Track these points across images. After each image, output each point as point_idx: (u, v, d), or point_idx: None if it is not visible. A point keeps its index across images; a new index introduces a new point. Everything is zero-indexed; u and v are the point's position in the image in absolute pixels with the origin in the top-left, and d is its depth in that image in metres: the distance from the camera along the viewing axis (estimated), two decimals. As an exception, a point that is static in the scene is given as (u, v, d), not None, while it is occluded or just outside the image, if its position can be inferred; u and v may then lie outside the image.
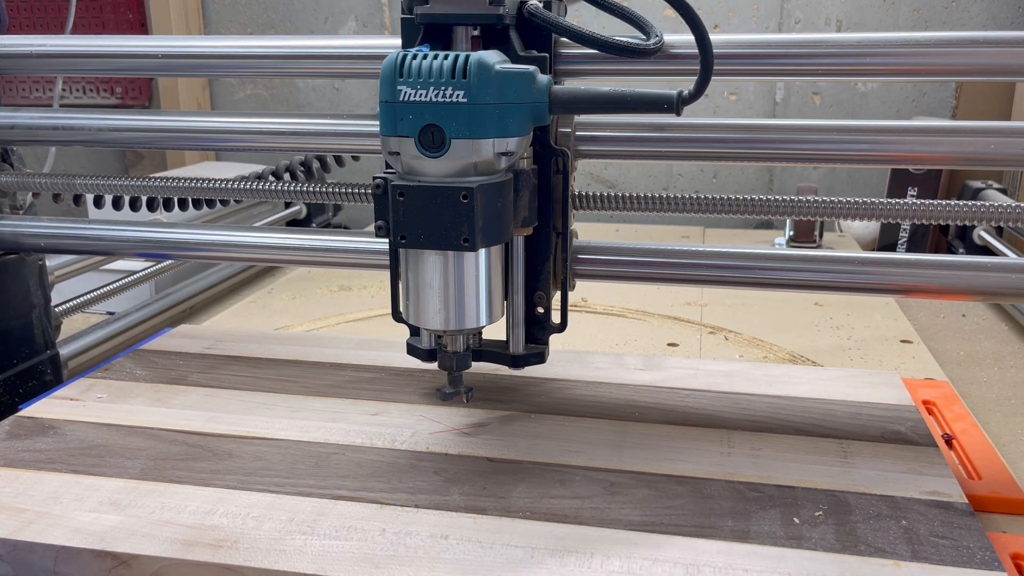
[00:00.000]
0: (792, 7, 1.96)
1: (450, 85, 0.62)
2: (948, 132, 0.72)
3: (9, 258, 0.97)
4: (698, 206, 0.76)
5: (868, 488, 0.68)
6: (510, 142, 0.64)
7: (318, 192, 0.84)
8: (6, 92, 2.34)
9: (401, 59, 0.63)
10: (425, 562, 0.58)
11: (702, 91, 0.64)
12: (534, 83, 0.65)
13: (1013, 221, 0.72)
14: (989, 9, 1.89)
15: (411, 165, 0.65)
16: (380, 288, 1.45)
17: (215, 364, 0.93)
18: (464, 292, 0.68)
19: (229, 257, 0.94)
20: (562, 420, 0.80)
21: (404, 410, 0.82)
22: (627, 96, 0.65)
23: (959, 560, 0.58)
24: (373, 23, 2.16)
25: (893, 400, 0.84)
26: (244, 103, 2.29)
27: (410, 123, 0.63)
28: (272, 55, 0.83)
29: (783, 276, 0.76)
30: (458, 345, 0.72)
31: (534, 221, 0.73)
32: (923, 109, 1.97)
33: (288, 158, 1.22)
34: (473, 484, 0.68)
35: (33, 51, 0.88)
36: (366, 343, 1.00)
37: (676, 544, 0.60)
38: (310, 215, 1.84)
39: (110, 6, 2.23)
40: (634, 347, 1.18)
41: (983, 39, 0.68)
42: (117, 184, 0.91)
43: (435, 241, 0.65)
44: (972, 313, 1.38)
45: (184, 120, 0.86)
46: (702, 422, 0.79)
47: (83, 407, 0.83)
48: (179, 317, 1.39)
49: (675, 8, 0.65)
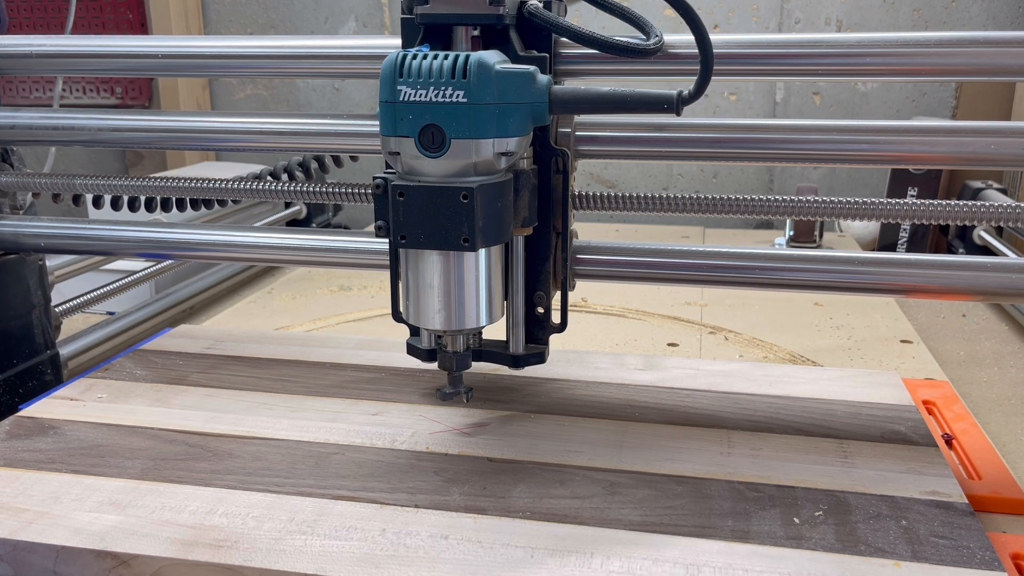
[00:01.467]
0: (792, 7, 1.96)
1: (450, 85, 0.62)
2: (948, 132, 0.72)
3: (9, 258, 0.97)
4: (698, 206, 0.76)
5: (868, 488, 0.68)
6: (510, 142, 0.64)
7: (318, 192, 0.84)
8: (6, 92, 2.34)
9: (401, 59, 0.63)
10: (425, 562, 0.58)
11: (702, 91, 0.64)
12: (534, 83, 0.65)
13: (1013, 221, 0.72)
14: (989, 9, 1.89)
15: (411, 165, 0.65)
16: (380, 288, 1.45)
17: (215, 364, 0.94)
18: (464, 292, 0.68)
19: (229, 257, 0.94)
20: (562, 420, 0.80)
21: (404, 410, 0.82)
22: (627, 96, 0.65)
23: (959, 560, 0.58)
24: (373, 23, 2.16)
25: (893, 400, 0.84)
26: (244, 103, 2.29)
27: (410, 123, 0.63)
28: (272, 55, 0.83)
29: (783, 276, 0.76)
30: (458, 345, 0.72)
31: (534, 221, 0.73)
32: (923, 109, 1.97)
33: (287, 158, 1.22)
34: (473, 484, 0.68)
35: (33, 51, 0.88)
36: (366, 343, 1.00)
37: (676, 544, 0.60)
38: (310, 215, 1.84)
39: (110, 6, 2.23)
40: (634, 347, 1.18)
41: (983, 39, 0.68)
42: (117, 184, 0.91)
43: (435, 241, 0.65)
44: (972, 313, 1.38)
45: (184, 120, 0.87)
46: (702, 422, 0.79)
47: (83, 407, 0.83)
48: (179, 317, 1.39)
49: (675, 8, 0.65)
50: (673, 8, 0.65)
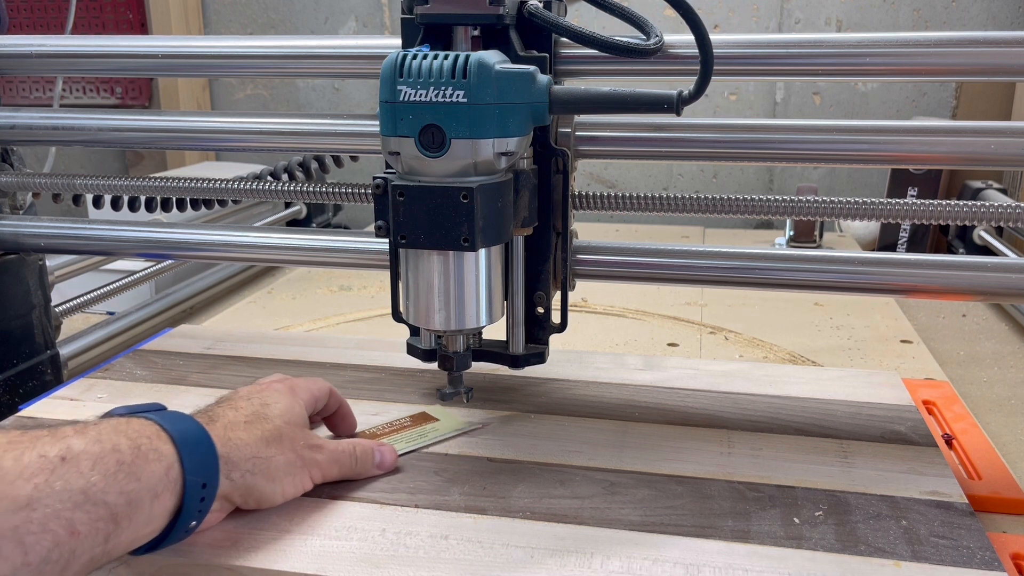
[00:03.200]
0: (792, 7, 1.96)
1: (450, 85, 0.62)
2: (948, 132, 0.72)
3: (9, 258, 0.97)
4: (698, 206, 0.76)
5: (868, 488, 0.68)
6: (510, 142, 0.64)
7: (318, 192, 0.84)
8: (6, 92, 2.34)
9: (401, 59, 0.63)
10: (425, 562, 0.58)
11: (702, 91, 0.64)
12: (534, 83, 0.65)
13: (1013, 221, 0.72)
14: (989, 9, 1.89)
15: (411, 165, 0.65)
16: (380, 288, 1.45)
17: (215, 364, 0.94)
18: (464, 292, 0.68)
19: (229, 257, 0.94)
20: (562, 420, 0.80)
21: (404, 410, 0.82)
22: (627, 96, 0.65)
23: (959, 560, 0.58)
24: (373, 23, 2.16)
25: (893, 400, 0.84)
26: (244, 103, 2.29)
27: (410, 123, 0.63)
28: (272, 55, 0.83)
29: (783, 276, 0.76)
30: (458, 345, 0.72)
31: (534, 221, 0.73)
32: (923, 109, 1.97)
33: (287, 158, 1.22)
34: (473, 484, 0.69)
35: (33, 51, 0.88)
36: (366, 343, 1.00)
37: (676, 544, 0.60)
38: (310, 215, 1.84)
39: (110, 6, 2.23)
40: (634, 347, 1.18)
41: (983, 39, 0.68)
42: (117, 184, 0.91)
43: (435, 241, 0.65)
44: (972, 313, 1.38)
45: (184, 120, 0.86)
46: (702, 422, 0.79)
47: (83, 407, 0.83)
48: (179, 317, 1.39)
49: (675, 8, 0.65)
50: (673, 8, 0.65)
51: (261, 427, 0.61)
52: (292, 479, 0.63)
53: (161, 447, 0.54)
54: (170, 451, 0.54)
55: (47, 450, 0.49)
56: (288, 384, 0.69)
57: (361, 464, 0.68)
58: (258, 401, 0.64)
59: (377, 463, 0.69)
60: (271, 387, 0.68)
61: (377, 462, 0.69)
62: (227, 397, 0.66)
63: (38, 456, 0.48)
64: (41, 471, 0.47)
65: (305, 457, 0.64)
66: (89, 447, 0.50)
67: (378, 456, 0.69)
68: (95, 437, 0.51)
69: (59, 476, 0.48)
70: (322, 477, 0.66)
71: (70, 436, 0.50)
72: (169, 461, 0.53)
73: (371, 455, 0.69)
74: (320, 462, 0.65)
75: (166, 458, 0.53)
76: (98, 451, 0.50)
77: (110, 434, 0.52)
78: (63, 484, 0.48)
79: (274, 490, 0.62)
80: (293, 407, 0.65)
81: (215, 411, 0.62)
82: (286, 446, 0.62)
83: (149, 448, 0.53)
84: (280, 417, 0.63)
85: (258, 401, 0.64)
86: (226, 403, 0.64)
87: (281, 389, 0.67)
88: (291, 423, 0.64)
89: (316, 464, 0.64)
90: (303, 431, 0.65)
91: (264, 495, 0.61)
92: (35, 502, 0.46)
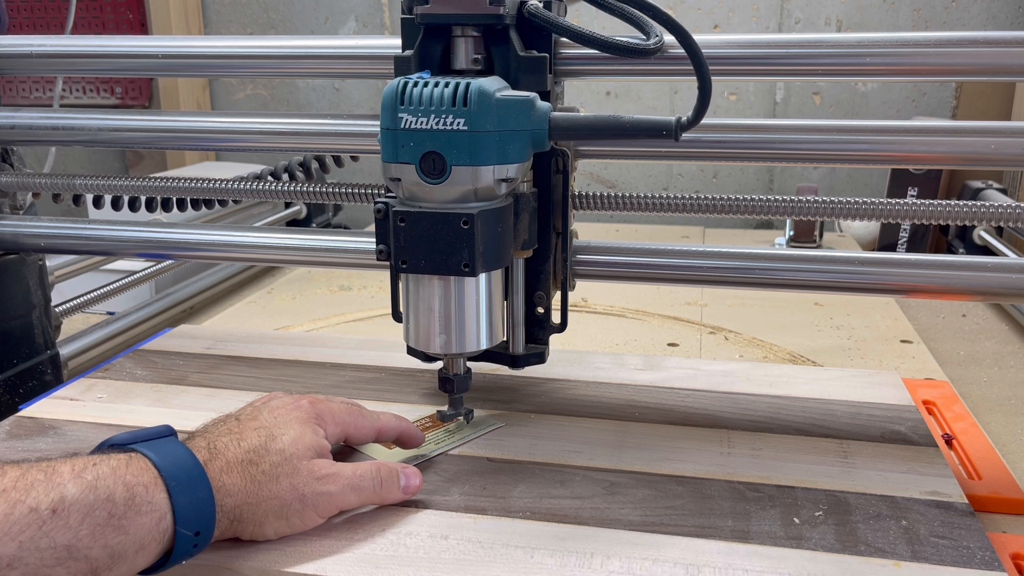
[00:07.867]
0: (792, 7, 1.96)
1: (451, 113, 0.62)
2: (948, 132, 0.72)
3: (9, 258, 0.97)
4: (698, 206, 0.76)
5: (868, 488, 0.68)
6: (510, 168, 0.65)
7: (318, 192, 0.84)
8: (6, 92, 2.34)
9: (402, 86, 0.63)
10: (425, 562, 0.58)
11: (701, 116, 0.64)
12: (534, 110, 0.65)
13: (1013, 221, 0.72)
14: (989, 9, 1.89)
15: (412, 191, 0.65)
16: (380, 288, 1.45)
17: (215, 364, 0.94)
18: (464, 317, 0.69)
19: (229, 257, 0.94)
20: (562, 420, 0.80)
21: (404, 410, 0.81)
22: (626, 123, 0.65)
23: (959, 560, 0.58)
24: (373, 23, 2.16)
25: (893, 400, 0.84)
26: (244, 103, 2.29)
27: (411, 150, 0.63)
28: (272, 55, 0.83)
29: (783, 276, 0.76)
30: (459, 368, 0.72)
31: (534, 243, 0.73)
32: (923, 109, 1.97)
33: (288, 158, 1.22)
34: (473, 484, 0.69)
35: (33, 51, 0.88)
36: (366, 343, 1.00)
37: (676, 544, 0.60)
38: (310, 215, 1.84)
39: (110, 6, 2.23)
40: (634, 347, 1.18)
41: (983, 39, 0.68)
42: (117, 184, 0.91)
43: (436, 266, 0.65)
44: (972, 313, 1.38)
45: (184, 120, 0.87)
46: (702, 422, 0.79)
47: (83, 407, 0.83)
48: (179, 317, 1.39)
49: (673, 34, 0.65)
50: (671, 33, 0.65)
51: (259, 466, 0.58)
52: (285, 522, 0.59)
53: (156, 497, 0.52)
54: (163, 501, 0.53)
55: (40, 500, 0.48)
56: (314, 410, 0.65)
57: (386, 488, 0.64)
58: (266, 434, 0.61)
59: (403, 487, 0.65)
60: (292, 411, 0.64)
61: (403, 485, 0.65)
62: (240, 419, 0.63)
63: (28, 510, 0.47)
64: (29, 527, 0.47)
65: (307, 494, 0.60)
66: (83, 496, 0.49)
67: (403, 479, 0.65)
68: (91, 484, 0.50)
69: (46, 532, 0.47)
70: (336, 508, 0.62)
71: (66, 482, 0.49)
72: (161, 512, 0.52)
73: (396, 478, 0.64)
74: (331, 494, 0.61)
75: (159, 509, 0.52)
76: (91, 501, 0.49)
77: (107, 479, 0.51)
78: (48, 541, 0.47)
79: (264, 533, 0.59)
80: (303, 437, 0.62)
81: (218, 443, 0.59)
82: (283, 485, 0.59)
83: (143, 500, 0.52)
84: (282, 452, 0.60)
85: (266, 434, 0.61)
86: (235, 432, 0.61)
87: (300, 416, 0.64)
88: (295, 456, 0.60)
89: (325, 497, 0.60)
90: (309, 463, 0.61)
91: (253, 536, 0.60)
92: (16, 561, 0.46)
